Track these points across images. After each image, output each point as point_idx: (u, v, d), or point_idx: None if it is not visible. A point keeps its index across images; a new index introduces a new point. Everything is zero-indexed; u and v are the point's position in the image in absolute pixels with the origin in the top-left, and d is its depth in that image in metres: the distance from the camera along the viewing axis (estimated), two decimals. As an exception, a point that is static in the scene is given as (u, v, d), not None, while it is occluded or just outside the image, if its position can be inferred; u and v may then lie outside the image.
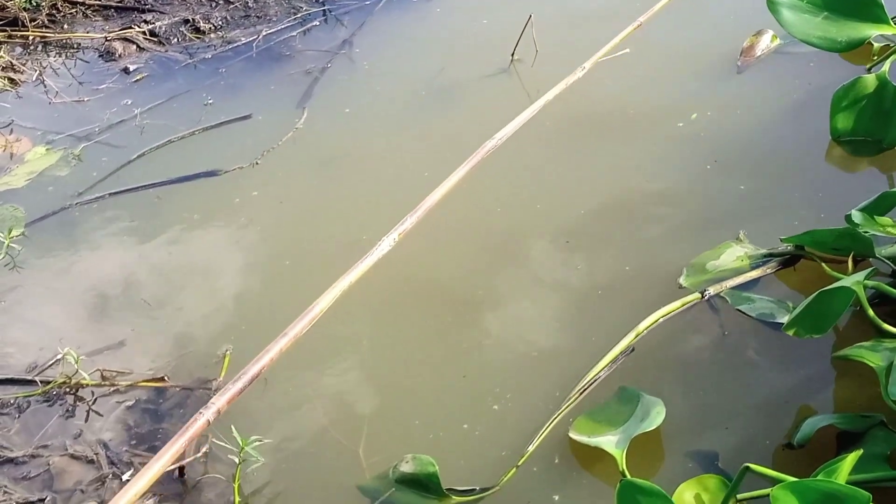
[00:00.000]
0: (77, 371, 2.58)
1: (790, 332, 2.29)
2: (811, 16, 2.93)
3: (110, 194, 3.23)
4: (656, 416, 2.19)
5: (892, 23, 2.92)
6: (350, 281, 2.52)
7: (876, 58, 3.17)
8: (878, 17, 2.90)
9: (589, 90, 3.39)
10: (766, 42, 3.44)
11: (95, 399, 2.57)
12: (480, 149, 2.88)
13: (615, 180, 3.01)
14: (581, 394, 2.37)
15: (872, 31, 2.91)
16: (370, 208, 3.02)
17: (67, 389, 2.60)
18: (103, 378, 2.61)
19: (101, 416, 2.53)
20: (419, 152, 3.25)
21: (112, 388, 2.59)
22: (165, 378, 2.59)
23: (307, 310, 2.45)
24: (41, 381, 2.62)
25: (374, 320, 2.69)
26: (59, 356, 2.63)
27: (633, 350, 2.47)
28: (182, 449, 2.21)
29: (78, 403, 2.57)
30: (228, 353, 2.63)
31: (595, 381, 2.40)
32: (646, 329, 2.49)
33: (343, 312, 2.71)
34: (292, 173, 3.23)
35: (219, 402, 2.26)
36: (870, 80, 2.93)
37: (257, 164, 3.27)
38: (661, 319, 2.52)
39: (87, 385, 2.60)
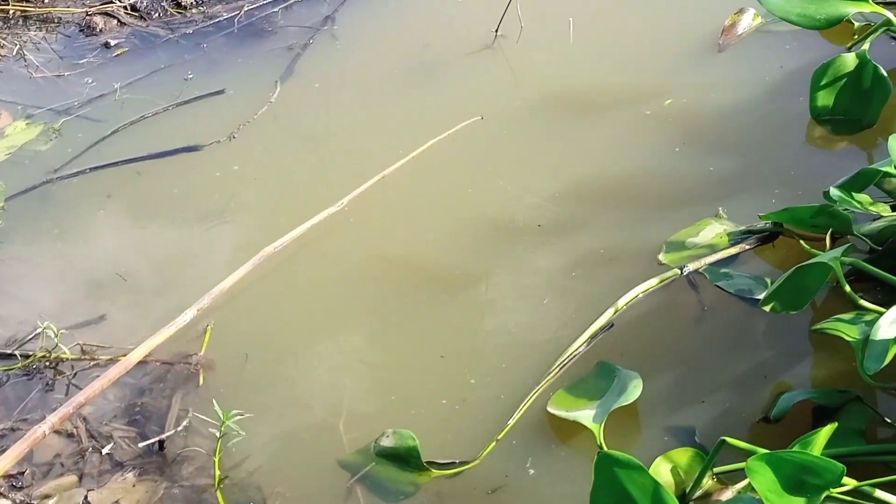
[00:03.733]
0: (57, 345, 2.58)
1: (767, 308, 2.31)
2: (790, -7, 2.94)
3: (90, 169, 3.22)
4: (633, 389, 2.20)
5: (870, 1, 2.93)
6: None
7: (856, 37, 3.17)
8: (857, -6, 2.92)
9: (563, 69, 3.40)
10: (748, 20, 3.43)
11: (75, 373, 2.57)
12: (260, 253, 2.76)
13: (588, 162, 3.01)
14: (560, 369, 2.39)
15: (851, 9, 2.91)
16: (348, 183, 3.01)
17: (47, 363, 2.60)
18: (83, 352, 2.61)
19: (81, 390, 2.52)
20: (397, 128, 3.24)
21: (92, 363, 2.59)
22: (145, 352, 2.59)
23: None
24: (21, 355, 2.62)
25: (351, 299, 2.70)
26: (38, 330, 2.63)
27: (612, 326, 2.48)
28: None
29: (58, 377, 2.57)
30: (209, 328, 2.63)
31: (574, 356, 2.41)
32: (625, 305, 2.51)
33: (322, 290, 2.73)
34: (270, 148, 3.22)
35: (53, 418, 2.34)
36: (850, 59, 2.94)
37: (234, 138, 3.26)
38: (640, 295, 2.53)
39: (67, 359, 2.60)
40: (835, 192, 2.44)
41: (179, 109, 3.45)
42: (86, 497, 2.29)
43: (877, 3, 2.99)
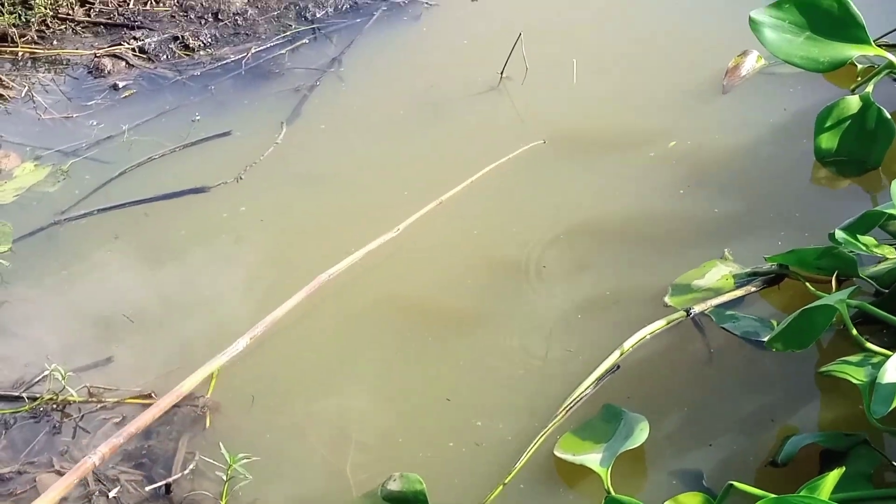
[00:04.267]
0: (64, 387, 2.58)
1: (772, 347, 2.31)
2: (793, 36, 2.95)
3: (98, 210, 3.24)
4: (640, 433, 2.20)
5: (873, 44, 2.95)
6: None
7: (860, 79, 3.19)
8: (860, 38, 2.92)
9: (568, 111, 3.42)
10: (752, 62, 3.46)
11: (82, 416, 2.57)
12: (315, 280, 2.79)
13: (592, 203, 3.02)
14: (567, 412, 2.38)
15: (854, 52, 2.93)
16: (355, 225, 3.02)
17: (54, 406, 2.60)
18: (90, 395, 2.61)
19: (88, 432, 2.53)
20: (402, 170, 3.26)
21: (99, 405, 2.59)
22: (153, 395, 2.59)
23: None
24: (28, 398, 2.62)
25: (357, 341, 2.70)
26: (45, 372, 2.63)
27: (618, 368, 2.48)
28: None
29: (65, 420, 2.57)
30: (215, 370, 2.63)
31: (580, 399, 2.41)
32: (631, 347, 2.51)
33: (328, 333, 2.73)
34: (276, 189, 3.24)
35: (104, 449, 2.37)
36: (853, 101, 2.96)
37: (241, 179, 3.28)
38: (647, 338, 2.53)
39: (74, 401, 2.60)
40: (840, 235, 2.44)
41: (187, 151, 3.47)
42: (92, 541, 2.29)
43: (880, 47, 3.01)
